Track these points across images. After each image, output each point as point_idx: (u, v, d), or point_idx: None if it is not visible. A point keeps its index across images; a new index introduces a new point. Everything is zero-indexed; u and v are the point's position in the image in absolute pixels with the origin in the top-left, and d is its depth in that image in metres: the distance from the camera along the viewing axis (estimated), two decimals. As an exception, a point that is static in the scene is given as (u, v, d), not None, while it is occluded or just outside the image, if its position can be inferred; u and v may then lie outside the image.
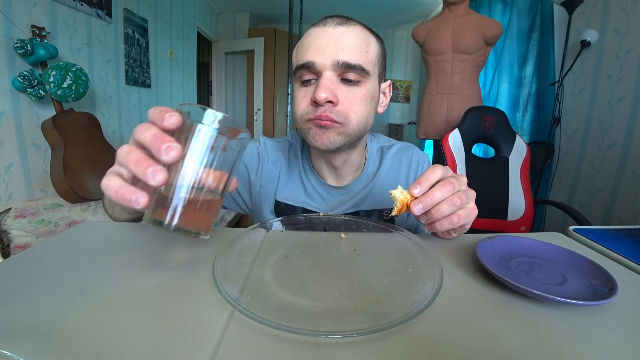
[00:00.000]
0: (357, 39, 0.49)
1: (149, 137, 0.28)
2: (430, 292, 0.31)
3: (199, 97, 4.36)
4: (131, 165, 0.29)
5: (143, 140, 0.29)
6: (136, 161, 0.29)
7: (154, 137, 0.28)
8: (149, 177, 0.28)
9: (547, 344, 0.27)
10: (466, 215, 0.41)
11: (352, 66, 0.48)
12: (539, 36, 2.33)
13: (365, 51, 0.50)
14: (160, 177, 0.28)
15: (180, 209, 0.29)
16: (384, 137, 0.70)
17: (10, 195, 1.62)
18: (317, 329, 0.26)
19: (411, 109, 4.82)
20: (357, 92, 0.50)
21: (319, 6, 3.56)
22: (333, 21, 0.50)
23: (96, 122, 1.86)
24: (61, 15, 1.83)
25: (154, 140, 0.28)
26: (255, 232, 0.45)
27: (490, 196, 1.49)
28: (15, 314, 0.28)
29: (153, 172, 0.28)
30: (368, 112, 0.53)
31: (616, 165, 1.81)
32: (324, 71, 0.49)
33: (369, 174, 0.63)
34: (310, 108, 0.51)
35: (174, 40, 3.19)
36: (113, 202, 0.49)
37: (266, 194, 0.63)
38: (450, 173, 0.43)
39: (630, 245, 0.48)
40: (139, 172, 0.28)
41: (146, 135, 0.29)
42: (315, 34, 0.50)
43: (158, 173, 0.28)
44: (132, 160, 0.29)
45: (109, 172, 0.32)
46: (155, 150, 0.28)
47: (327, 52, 0.48)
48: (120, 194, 0.29)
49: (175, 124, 0.29)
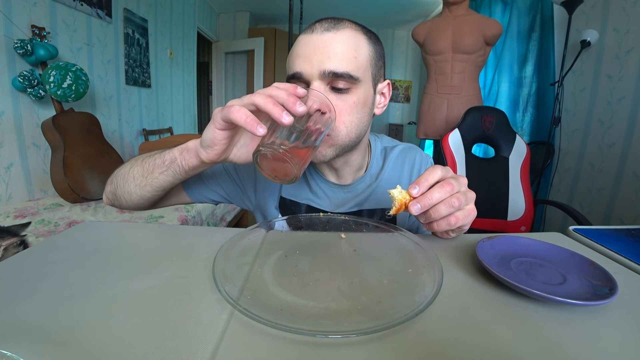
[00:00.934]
0: (345, 45, 0.48)
1: (284, 95, 0.37)
2: (430, 292, 0.31)
3: (199, 97, 4.36)
4: (269, 106, 0.36)
5: (277, 95, 0.37)
6: (273, 104, 0.36)
7: (288, 95, 0.37)
8: (283, 116, 0.35)
9: (547, 344, 0.27)
10: (464, 217, 0.42)
11: (340, 75, 0.47)
12: (539, 36, 2.33)
13: (353, 57, 0.48)
14: (289, 118, 0.36)
15: (289, 142, 0.37)
16: (387, 137, 0.71)
17: (10, 195, 1.62)
18: (317, 329, 0.26)
19: (411, 109, 4.82)
20: (347, 101, 0.49)
21: (319, 6, 3.55)
22: (321, 26, 0.49)
23: (96, 122, 1.86)
24: (61, 15, 1.83)
25: (289, 97, 0.37)
26: (255, 232, 0.45)
27: (490, 196, 1.49)
28: (15, 314, 0.28)
29: (286, 114, 0.36)
30: (359, 119, 0.52)
31: (616, 165, 1.81)
32: (312, 81, 0.48)
33: (372, 174, 0.64)
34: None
35: (174, 40, 3.19)
36: (148, 178, 0.51)
37: (271, 190, 0.64)
38: (450, 174, 0.43)
39: (630, 245, 0.48)
40: (275, 111, 0.36)
41: (281, 93, 0.37)
42: (303, 42, 0.49)
43: (288, 116, 0.36)
44: (269, 102, 0.36)
45: (231, 103, 0.39)
46: (290, 103, 0.37)
47: (313, 61, 0.47)
48: (249, 121, 0.36)
49: (303, 113, 0.37)
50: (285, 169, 0.38)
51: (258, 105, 0.37)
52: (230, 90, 4.72)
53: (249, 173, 0.65)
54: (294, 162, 0.37)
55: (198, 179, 0.63)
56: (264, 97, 0.37)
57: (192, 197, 0.64)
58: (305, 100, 0.40)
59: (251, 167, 0.64)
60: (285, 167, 0.38)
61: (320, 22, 0.50)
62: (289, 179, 0.40)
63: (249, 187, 0.65)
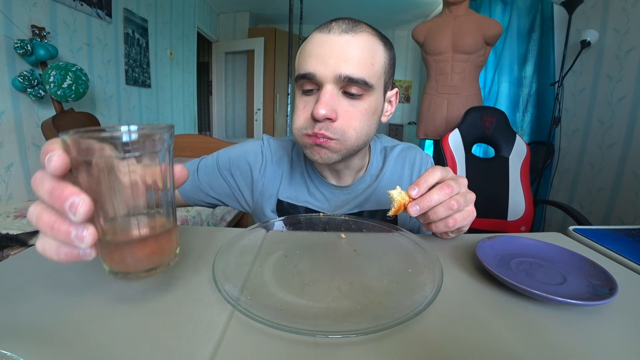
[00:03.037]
0: (363, 50, 0.46)
1: (46, 195, 0.23)
2: (430, 292, 0.31)
3: (199, 97, 4.36)
4: (48, 233, 0.24)
5: (43, 200, 0.24)
6: (51, 227, 0.24)
7: (50, 194, 0.23)
8: (76, 243, 0.24)
9: (547, 344, 0.27)
10: (463, 219, 0.42)
11: (355, 80, 0.46)
12: (539, 36, 2.33)
13: (370, 63, 0.47)
14: (88, 238, 0.23)
15: (128, 248, 0.26)
16: (387, 137, 0.70)
17: (10, 195, 1.62)
18: (317, 329, 0.26)
19: (411, 109, 4.82)
20: (359, 107, 0.48)
21: (319, 6, 3.55)
22: (339, 27, 0.47)
23: (96, 122, 1.86)
24: (61, 15, 1.83)
25: (52, 198, 0.23)
26: (255, 232, 0.45)
27: (490, 196, 1.49)
28: (15, 314, 0.28)
29: (77, 236, 0.23)
30: (369, 126, 0.51)
31: (616, 165, 1.81)
32: (325, 84, 0.47)
33: (372, 175, 0.63)
34: (309, 122, 0.49)
35: (174, 40, 3.19)
36: None
37: (269, 193, 0.63)
38: (450, 175, 0.43)
39: (630, 245, 0.48)
40: (60, 238, 0.24)
41: (43, 193, 0.23)
42: (319, 41, 0.47)
43: (84, 234, 0.23)
44: (46, 227, 0.24)
45: (38, 231, 0.25)
46: (60, 211, 0.23)
47: (329, 64, 0.45)
48: (64, 256, 0.25)
49: (61, 167, 0.23)
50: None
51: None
52: (230, 90, 4.72)
53: (245, 176, 0.64)
54: (154, 263, 0.27)
55: (193, 182, 0.62)
56: (35, 215, 0.24)
57: (188, 201, 0.64)
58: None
59: (247, 169, 0.64)
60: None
61: (337, 22, 0.47)
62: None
63: (245, 189, 0.64)
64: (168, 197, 0.28)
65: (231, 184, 0.64)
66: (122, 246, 0.26)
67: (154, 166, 0.25)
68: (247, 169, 0.63)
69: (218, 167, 0.63)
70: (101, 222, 0.25)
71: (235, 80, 4.68)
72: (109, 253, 0.26)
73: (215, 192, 0.64)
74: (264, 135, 0.68)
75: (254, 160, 0.64)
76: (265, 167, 0.64)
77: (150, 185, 0.26)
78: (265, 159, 0.64)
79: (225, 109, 4.73)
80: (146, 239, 0.26)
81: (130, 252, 0.26)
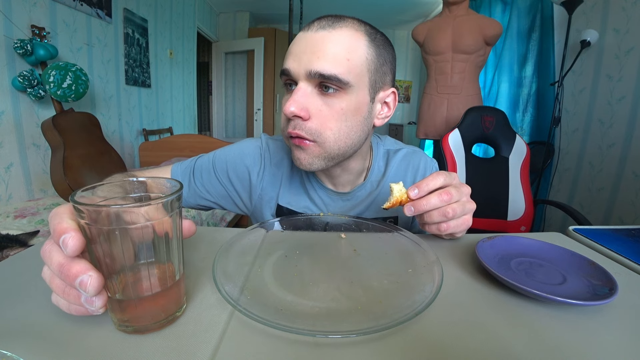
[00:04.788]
0: (338, 45, 0.44)
1: (56, 270, 0.24)
2: (430, 292, 0.31)
3: (199, 97, 4.36)
4: (60, 295, 0.26)
5: (53, 271, 0.25)
6: (62, 291, 0.25)
7: (60, 271, 0.24)
8: (86, 307, 0.25)
9: (547, 344, 0.27)
10: (457, 226, 0.42)
11: (327, 77, 0.43)
12: (539, 36, 2.33)
13: (345, 59, 0.44)
14: (98, 302, 0.24)
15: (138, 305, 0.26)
16: (391, 139, 0.67)
17: (10, 195, 1.62)
18: (317, 329, 0.26)
19: (411, 109, 4.82)
20: (334, 106, 0.46)
21: (319, 6, 3.55)
22: (319, 24, 0.46)
23: (96, 122, 1.86)
24: (61, 15, 1.83)
25: (62, 275, 0.24)
26: (255, 232, 0.45)
27: (490, 196, 1.49)
28: (15, 314, 0.28)
29: (87, 301, 0.24)
30: (349, 128, 0.47)
31: (616, 165, 1.81)
32: (299, 81, 0.46)
33: (373, 181, 0.61)
34: (286, 122, 0.48)
35: (174, 40, 3.19)
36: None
37: (268, 197, 0.62)
38: (454, 182, 0.43)
39: (630, 245, 0.48)
40: (72, 304, 0.25)
41: (53, 267, 0.24)
42: (298, 39, 0.47)
43: (94, 299, 0.24)
44: (58, 290, 0.26)
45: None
46: (70, 285, 0.24)
47: (302, 60, 0.45)
48: (75, 313, 0.26)
49: (79, 249, 0.24)
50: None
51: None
52: (230, 90, 4.72)
53: (242, 179, 0.62)
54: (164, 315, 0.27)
55: (190, 187, 0.61)
56: (49, 276, 0.26)
57: (184, 204, 0.63)
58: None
59: (245, 173, 0.62)
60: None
61: (319, 20, 0.47)
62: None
63: (243, 193, 0.63)
64: (177, 252, 0.28)
65: (228, 187, 0.62)
66: (131, 303, 0.26)
67: (166, 224, 0.26)
68: (244, 173, 0.61)
69: (214, 169, 0.61)
70: (112, 281, 0.25)
71: (235, 80, 4.68)
72: (119, 310, 0.26)
73: (212, 195, 0.62)
74: (262, 134, 0.65)
75: (252, 164, 0.61)
76: (264, 170, 0.62)
77: (161, 243, 0.26)
78: (264, 162, 0.62)
79: (225, 109, 4.73)
80: (156, 294, 0.27)
81: (141, 307, 0.26)
